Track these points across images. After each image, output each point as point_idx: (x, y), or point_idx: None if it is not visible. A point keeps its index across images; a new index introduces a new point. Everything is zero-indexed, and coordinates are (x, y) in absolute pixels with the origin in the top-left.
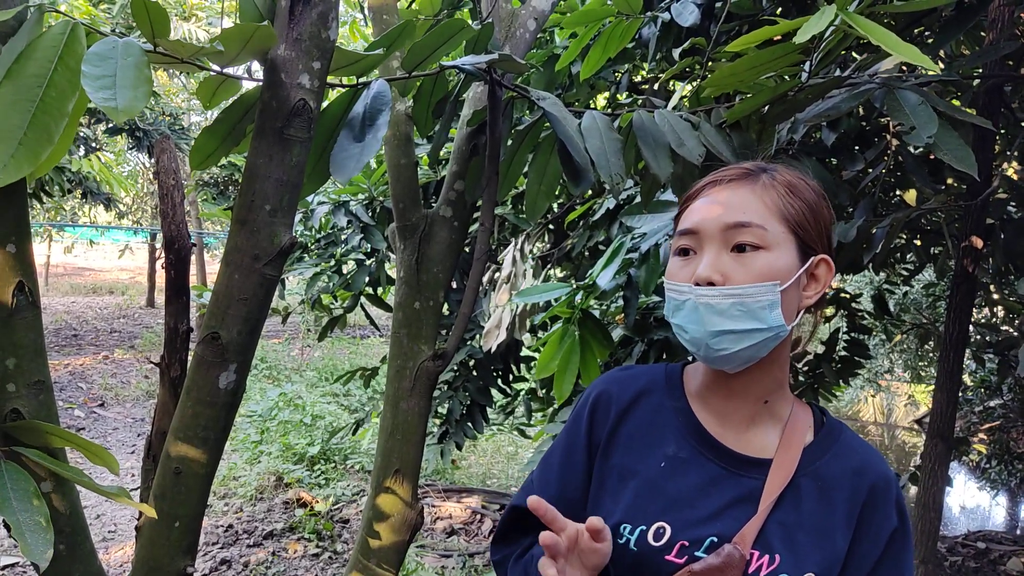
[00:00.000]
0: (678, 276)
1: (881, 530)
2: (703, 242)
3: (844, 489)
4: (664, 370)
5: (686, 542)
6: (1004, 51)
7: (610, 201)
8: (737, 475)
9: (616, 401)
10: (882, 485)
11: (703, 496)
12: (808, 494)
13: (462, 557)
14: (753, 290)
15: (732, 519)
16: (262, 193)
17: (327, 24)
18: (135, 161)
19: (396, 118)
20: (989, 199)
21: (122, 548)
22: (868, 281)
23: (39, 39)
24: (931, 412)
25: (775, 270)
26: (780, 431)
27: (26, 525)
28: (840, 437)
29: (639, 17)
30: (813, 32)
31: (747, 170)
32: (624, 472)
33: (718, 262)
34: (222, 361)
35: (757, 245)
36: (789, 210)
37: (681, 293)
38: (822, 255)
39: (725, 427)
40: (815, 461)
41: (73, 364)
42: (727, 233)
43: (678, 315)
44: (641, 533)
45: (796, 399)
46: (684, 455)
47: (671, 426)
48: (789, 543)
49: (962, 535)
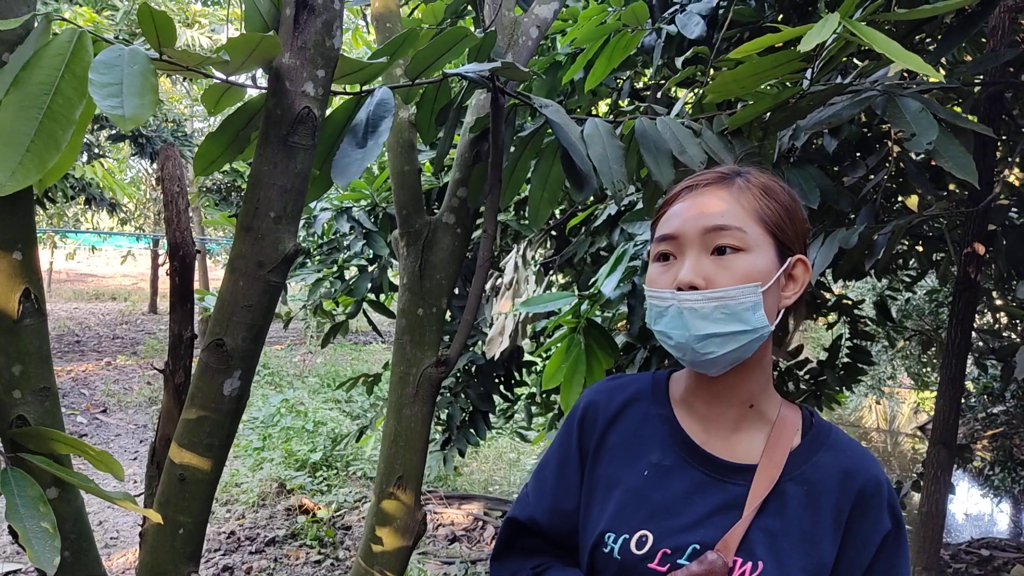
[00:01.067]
0: (659, 282)
1: (871, 535)
2: (683, 247)
3: (831, 493)
4: (651, 378)
5: (668, 550)
6: (1005, 58)
7: (611, 207)
8: (722, 482)
9: (603, 411)
10: (872, 489)
11: (687, 504)
12: (794, 500)
13: (464, 564)
14: (736, 292)
15: (716, 526)
16: (266, 200)
17: (331, 33)
18: (138, 167)
19: (399, 125)
20: (991, 205)
21: (124, 555)
22: (871, 287)
23: (46, 47)
24: (934, 419)
25: (756, 271)
26: (766, 435)
27: (32, 532)
28: (828, 440)
29: (644, 28)
30: (817, 40)
31: (722, 174)
32: (610, 481)
33: (699, 266)
34: (226, 368)
35: (737, 247)
36: (766, 212)
37: (663, 299)
38: (799, 255)
39: (710, 433)
40: (802, 465)
41: (76, 370)
42: (707, 236)
43: (661, 322)
44: (624, 542)
45: (784, 400)
46: (668, 463)
47: (656, 434)
48: (773, 550)
49: (966, 542)
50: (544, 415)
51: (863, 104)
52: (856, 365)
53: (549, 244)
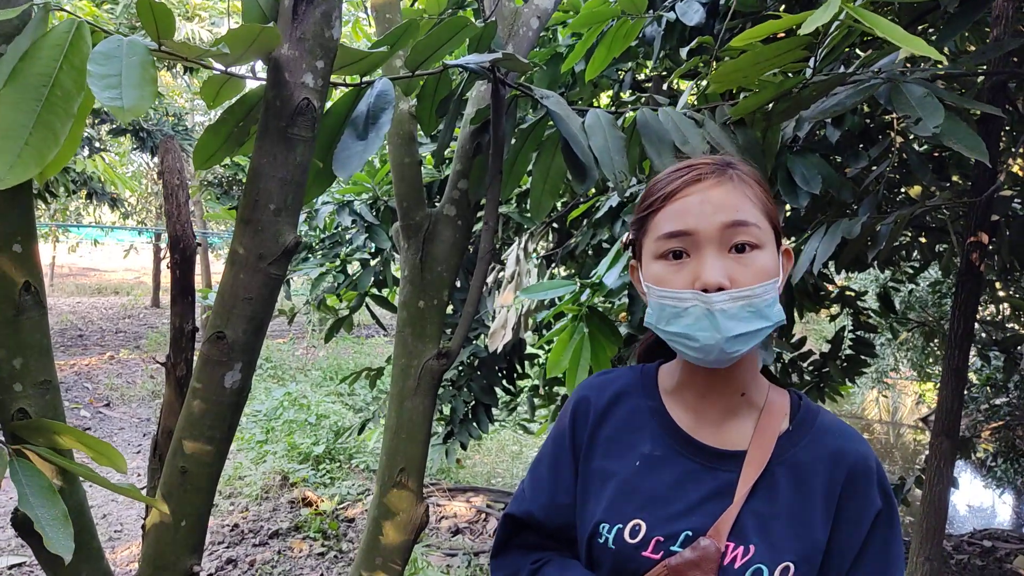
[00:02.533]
0: (674, 282)
1: (863, 514)
2: (700, 244)
3: (821, 475)
4: (640, 371)
5: (661, 537)
6: (1008, 47)
7: (613, 199)
8: (712, 469)
9: (594, 406)
10: (861, 468)
11: (678, 492)
12: (784, 483)
13: (467, 556)
14: (760, 290)
15: (707, 513)
16: (266, 192)
17: (330, 23)
18: (139, 161)
19: (400, 117)
20: (994, 196)
21: (128, 547)
22: (873, 279)
23: (44, 38)
24: (936, 410)
25: (771, 267)
26: (755, 421)
27: (46, 519)
28: (816, 422)
29: (644, 16)
30: (818, 24)
31: (715, 165)
32: (604, 474)
33: (724, 265)
34: (227, 360)
35: (754, 244)
36: (766, 204)
37: (682, 300)
38: (785, 245)
39: (700, 422)
40: (791, 448)
41: (79, 364)
42: (725, 233)
43: (677, 323)
44: (618, 531)
45: (772, 385)
46: (659, 453)
47: (647, 426)
48: (764, 533)
49: (968, 533)
50: (547, 406)
51: (867, 92)
52: (859, 357)
53: (551, 236)
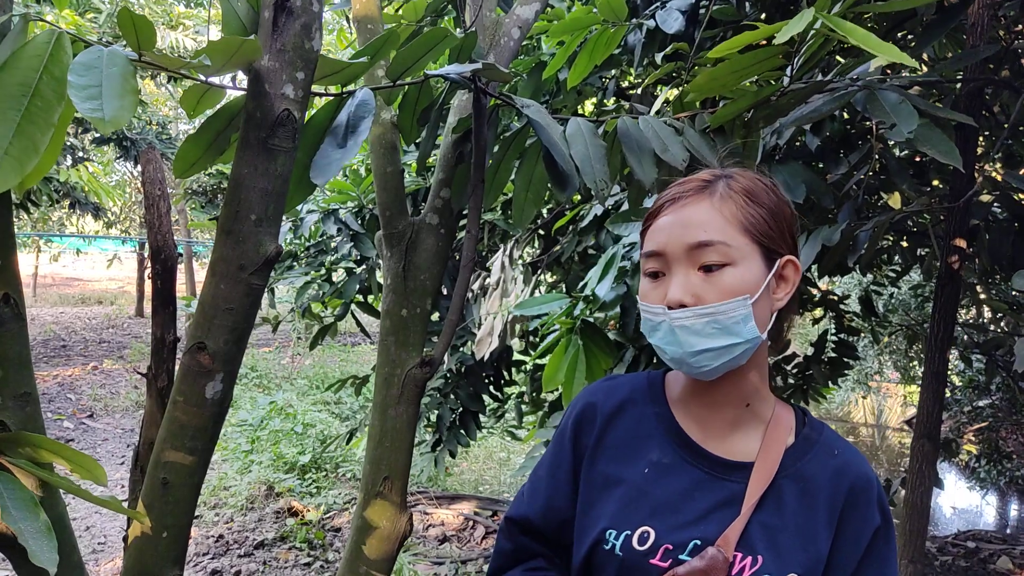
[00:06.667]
0: (651, 297)
1: (862, 531)
2: (670, 263)
3: (825, 490)
4: (647, 378)
5: (670, 545)
6: (984, 54)
7: (598, 207)
8: (720, 479)
9: (601, 411)
10: (862, 485)
11: (687, 500)
12: (790, 496)
13: (455, 564)
14: (725, 307)
15: (715, 522)
16: (247, 203)
17: (310, 35)
18: (123, 171)
19: (382, 126)
20: (972, 200)
21: (112, 560)
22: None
23: (23, 48)
24: (918, 412)
25: (744, 283)
26: (762, 434)
27: (29, 532)
28: (820, 438)
29: (624, 24)
30: (792, 33)
31: (705, 181)
32: (610, 480)
33: (687, 283)
34: (209, 371)
35: (723, 263)
36: (750, 220)
37: (656, 315)
38: (787, 256)
39: (707, 432)
40: (796, 462)
41: (62, 375)
42: (692, 253)
43: (655, 336)
44: (626, 538)
45: (778, 400)
46: (667, 461)
47: (654, 433)
48: (772, 544)
49: (952, 534)
50: (534, 413)
51: (843, 99)
52: (842, 359)
53: (536, 243)
